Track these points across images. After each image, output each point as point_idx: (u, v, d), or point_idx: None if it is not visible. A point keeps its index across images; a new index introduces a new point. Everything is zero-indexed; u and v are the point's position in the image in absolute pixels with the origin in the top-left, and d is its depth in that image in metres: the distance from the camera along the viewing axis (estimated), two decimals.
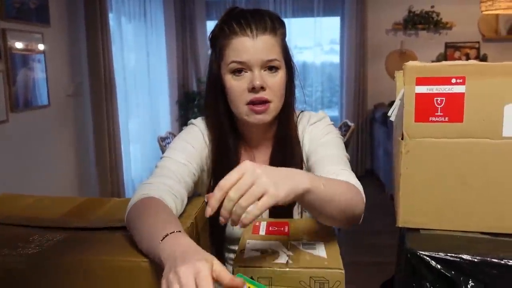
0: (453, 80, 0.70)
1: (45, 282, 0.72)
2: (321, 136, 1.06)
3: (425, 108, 0.72)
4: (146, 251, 0.70)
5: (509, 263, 0.64)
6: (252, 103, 0.99)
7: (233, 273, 0.75)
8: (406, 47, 5.23)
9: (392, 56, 5.21)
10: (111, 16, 3.79)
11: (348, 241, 3.62)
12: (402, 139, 0.74)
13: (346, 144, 4.14)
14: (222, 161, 1.07)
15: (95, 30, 3.47)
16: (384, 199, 4.26)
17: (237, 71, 0.99)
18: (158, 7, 5.01)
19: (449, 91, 0.71)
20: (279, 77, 1.01)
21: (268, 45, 0.98)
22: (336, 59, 5.57)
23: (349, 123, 4.42)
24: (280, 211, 1.03)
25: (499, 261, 0.65)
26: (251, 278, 0.75)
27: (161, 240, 0.66)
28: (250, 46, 0.97)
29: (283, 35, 1.04)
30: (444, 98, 0.71)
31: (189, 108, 5.31)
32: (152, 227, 0.71)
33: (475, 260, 0.65)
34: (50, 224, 0.88)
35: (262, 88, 0.98)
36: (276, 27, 1.00)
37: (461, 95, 0.70)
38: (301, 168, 1.07)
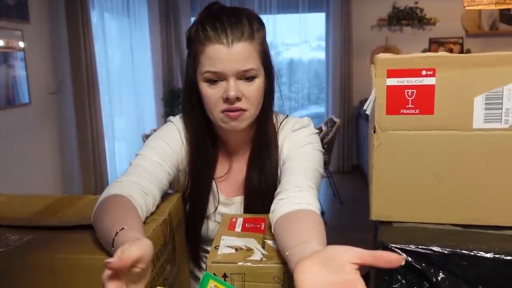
0: (424, 72, 0.70)
1: (12, 282, 0.71)
2: (300, 145, 1.02)
3: (396, 100, 0.72)
4: (105, 248, 0.71)
5: (478, 254, 0.64)
6: (226, 110, 0.96)
7: (206, 269, 0.75)
8: (391, 43, 5.26)
9: (377, 52, 5.13)
10: (93, 12, 3.74)
11: (333, 236, 3.64)
12: (374, 132, 0.74)
13: (332, 140, 4.16)
14: (199, 163, 1.05)
15: (77, 26, 3.43)
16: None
17: (212, 80, 0.95)
18: (142, 3, 4.96)
19: (419, 83, 0.70)
20: (256, 85, 0.96)
21: (245, 53, 0.93)
22: (323, 55, 5.58)
23: (335, 119, 4.44)
24: (256, 207, 1.03)
25: (468, 252, 0.65)
26: (224, 274, 0.74)
27: (114, 236, 0.67)
28: (225, 55, 0.92)
29: (262, 38, 0.99)
30: (414, 90, 0.71)
31: (174, 105, 5.27)
32: (108, 224, 0.71)
33: (445, 252, 0.65)
34: (20, 223, 0.86)
35: (237, 98, 0.94)
36: (254, 30, 0.95)
37: (432, 87, 0.70)
38: (276, 173, 1.04)
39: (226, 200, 1.07)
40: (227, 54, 0.92)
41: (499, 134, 0.69)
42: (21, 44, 3.03)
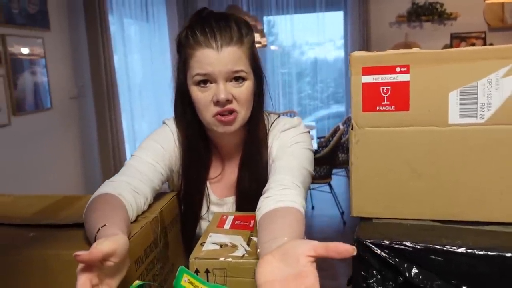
0: (398, 69, 0.71)
1: (4, 278, 0.75)
2: (288, 144, 1.03)
3: (372, 97, 0.72)
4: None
5: (451, 249, 0.64)
6: (218, 114, 0.97)
7: (189, 265, 0.77)
8: (411, 39, 5.18)
9: (397, 49, 5.16)
10: (112, 17, 3.84)
11: (335, 235, 3.62)
12: (352, 129, 0.75)
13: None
14: (191, 165, 1.07)
15: (96, 32, 3.52)
16: None
17: (202, 83, 0.96)
18: (161, 7, 5.05)
19: (394, 80, 0.71)
20: (245, 87, 0.98)
21: (234, 57, 0.95)
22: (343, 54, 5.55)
23: None
24: (247, 207, 1.05)
25: (441, 247, 0.65)
26: (207, 270, 0.76)
27: (96, 233, 0.71)
28: (215, 59, 0.94)
29: (251, 42, 1.00)
30: (389, 87, 0.71)
31: None
32: (94, 222, 0.74)
33: (417, 247, 0.66)
34: (20, 222, 0.90)
35: (228, 101, 0.96)
36: (242, 35, 0.97)
37: (406, 83, 0.71)
38: (267, 173, 1.04)
39: (218, 201, 1.09)
40: (217, 58, 0.94)
41: (475, 129, 0.69)
42: (42, 51, 3.14)
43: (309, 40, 5.67)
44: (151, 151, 1.02)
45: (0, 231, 0.85)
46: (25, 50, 2.96)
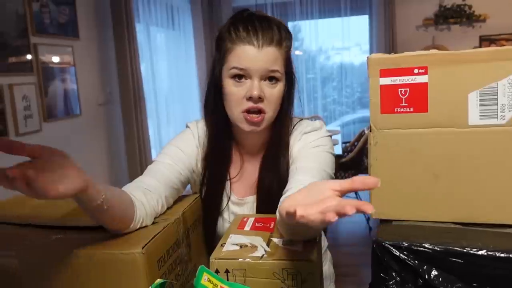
0: (416, 71, 0.71)
1: (38, 278, 0.78)
2: (309, 147, 1.04)
3: (390, 99, 0.73)
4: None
5: (472, 252, 0.64)
6: (247, 111, 0.99)
7: (210, 265, 0.79)
8: (438, 42, 5.09)
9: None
10: (139, 25, 3.92)
11: (360, 240, 3.56)
12: (370, 131, 0.75)
13: None
14: (214, 162, 1.09)
15: (123, 40, 3.61)
16: None
17: (237, 77, 0.99)
18: (186, 14, 5.13)
19: (412, 82, 0.71)
20: (278, 89, 1.00)
21: (272, 57, 0.98)
22: None
23: None
24: (267, 207, 1.06)
25: (461, 249, 0.64)
26: (227, 270, 0.77)
27: None
28: (254, 56, 0.97)
29: (289, 47, 1.03)
30: (408, 89, 0.71)
31: None
32: None
33: (437, 249, 0.65)
34: (48, 223, 0.94)
35: (260, 98, 0.98)
36: (282, 38, 1.00)
37: (425, 85, 0.70)
38: (287, 173, 1.05)
39: (239, 200, 1.10)
40: (256, 55, 0.97)
41: (496, 130, 0.68)
42: (72, 59, 3.24)
43: (335, 45, 5.65)
44: (169, 154, 1.05)
45: (29, 232, 0.88)
46: (55, 59, 3.06)
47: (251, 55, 0.97)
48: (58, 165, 0.64)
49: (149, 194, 0.92)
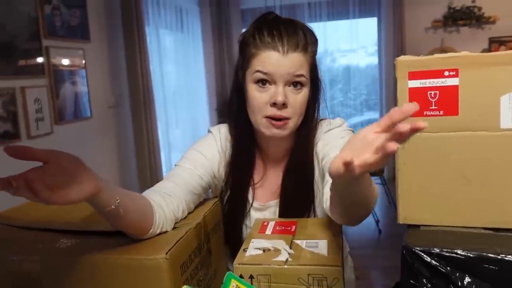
0: (446, 73, 0.69)
1: (59, 282, 0.77)
2: (335, 140, 1.03)
3: (419, 102, 0.71)
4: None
5: (506, 258, 0.62)
6: (271, 117, 0.98)
7: (233, 271, 0.77)
8: (447, 44, 5.07)
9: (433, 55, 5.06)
10: (148, 28, 3.93)
11: (391, 243, 3.54)
12: None
13: None
14: (238, 167, 1.08)
15: (133, 43, 3.62)
16: None
17: (261, 82, 0.97)
18: (195, 17, 5.14)
19: (442, 84, 0.70)
20: (302, 94, 0.98)
21: (297, 62, 0.96)
22: (377, 60, 5.49)
23: None
24: (291, 212, 1.05)
25: (495, 256, 0.63)
26: (251, 276, 0.76)
27: None
28: (279, 61, 0.95)
29: (314, 52, 1.01)
30: (437, 92, 0.70)
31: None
32: None
33: (470, 255, 0.64)
34: (70, 227, 0.93)
35: (284, 105, 0.96)
36: (308, 43, 0.98)
37: (455, 87, 0.69)
38: (312, 179, 1.05)
39: (261, 206, 1.09)
40: (281, 61, 0.95)
41: None
42: (83, 62, 3.25)
43: (341, 47, 5.63)
44: (190, 159, 1.04)
45: (48, 236, 0.88)
46: (66, 61, 3.07)
47: (276, 60, 0.95)
48: (69, 170, 0.63)
49: (168, 198, 0.90)
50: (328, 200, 0.83)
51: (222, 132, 1.10)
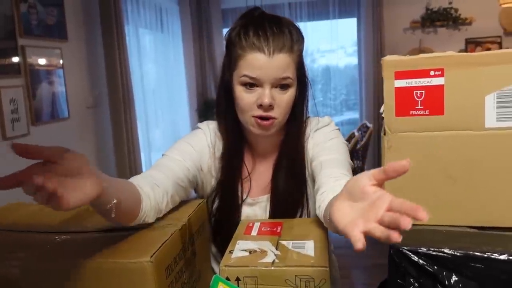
0: (432, 73, 0.69)
1: (38, 284, 0.75)
2: (325, 140, 1.05)
3: (405, 102, 0.71)
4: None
5: (492, 257, 0.63)
6: (258, 117, 0.99)
7: (219, 273, 0.76)
8: (425, 45, 5.14)
9: (412, 55, 5.13)
10: (127, 28, 3.88)
11: (372, 243, 3.57)
12: (384, 134, 0.74)
13: (366, 146, 4.10)
14: (227, 164, 1.09)
15: (112, 42, 3.56)
16: None
17: (248, 85, 0.98)
18: (175, 17, 5.10)
19: (428, 84, 0.70)
20: (289, 94, 0.99)
21: (284, 64, 0.96)
22: (356, 61, 5.54)
23: (368, 125, 4.38)
24: (282, 207, 1.05)
25: (482, 254, 0.63)
26: (237, 278, 0.75)
27: None
28: (265, 64, 0.95)
29: (300, 51, 1.02)
30: (423, 91, 0.70)
31: (208, 116, 5.34)
32: None
33: (457, 254, 0.64)
34: (48, 229, 0.90)
35: (270, 106, 0.97)
36: (294, 43, 0.98)
37: (441, 87, 0.69)
38: (302, 172, 1.07)
39: (251, 201, 1.10)
40: (267, 63, 0.95)
41: None
42: (60, 61, 3.18)
43: (321, 48, 5.66)
44: (179, 150, 1.05)
45: (28, 238, 0.85)
46: (43, 61, 3.00)
47: (262, 63, 0.95)
48: (76, 172, 0.60)
49: (157, 189, 0.90)
50: (321, 208, 0.85)
51: (211, 128, 1.12)
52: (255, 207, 1.09)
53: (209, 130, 1.11)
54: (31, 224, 0.94)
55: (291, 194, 1.04)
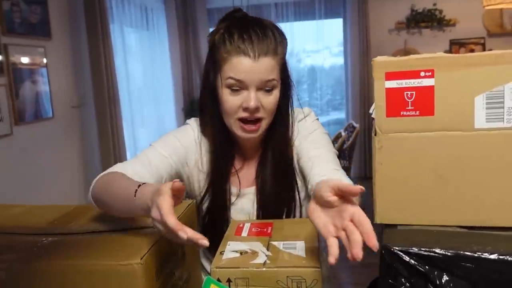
0: (422, 73, 0.70)
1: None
2: (307, 133, 1.07)
3: (396, 102, 0.72)
4: (121, 212, 0.80)
5: (483, 256, 0.63)
6: (243, 120, 1.00)
7: (210, 271, 0.76)
8: (410, 45, 5.20)
9: (396, 56, 5.18)
10: (113, 26, 3.84)
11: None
12: (375, 134, 0.74)
13: (352, 146, 4.12)
14: (216, 164, 1.10)
15: (97, 40, 3.52)
16: None
17: (233, 87, 0.98)
18: (161, 16, 5.06)
19: (418, 85, 0.70)
20: (274, 96, 1.00)
21: (268, 67, 0.97)
22: (342, 61, 5.57)
23: (355, 124, 4.41)
24: (269, 199, 1.07)
25: (472, 254, 0.64)
26: (228, 279, 0.75)
27: (135, 195, 0.74)
28: (250, 67, 0.96)
29: (284, 53, 1.02)
30: (414, 92, 0.71)
31: (194, 114, 5.31)
32: (122, 189, 0.79)
33: (448, 254, 0.64)
34: (34, 231, 0.89)
35: (256, 109, 0.98)
36: (277, 46, 0.99)
37: (431, 88, 0.70)
38: (286, 166, 1.09)
39: (238, 192, 1.11)
40: (252, 67, 0.96)
41: (502, 133, 0.68)
42: (44, 60, 3.13)
43: (306, 48, 5.68)
44: (166, 144, 1.07)
45: (13, 240, 0.83)
46: (26, 59, 2.96)
47: (247, 66, 0.95)
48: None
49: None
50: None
51: (198, 124, 1.13)
52: (243, 199, 1.11)
53: (197, 126, 1.12)
54: (16, 226, 0.92)
55: (279, 188, 1.06)
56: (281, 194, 1.07)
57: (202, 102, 1.10)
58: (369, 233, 0.60)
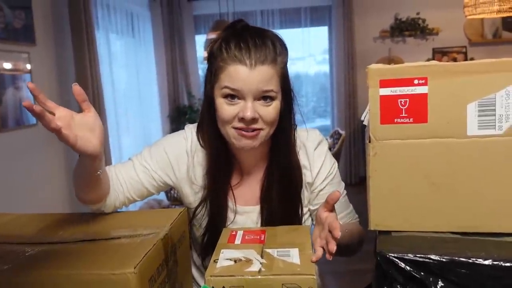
0: (416, 81, 0.71)
1: None
2: (326, 170, 1.09)
3: (390, 110, 0.72)
4: (83, 179, 0.98)
5: (477, 262, 0.64)
6: (239, 128, 0.97)
7: (205, 283, 0.75)
8: (394, 54, 5.27)
9: (381, 64, 5.24)
10: (98, 32, 3.80)
11: None
12: (369, 142, 0.74)
13: (338, 153, 4.15)
14: (213, 179, 1.07)
15: (82, 47, 3.48)
16: None
17: (229, 97, 0.95)
18: (147, 23, 5.04)
19: (412, 92, 0.71)
20: (273, 107, 0.97)
21: (266, 76, 0.94)
22: (327, 68, 5.61)
23: (340, 131, 4.44)
24: (274, 216, 1.05)
25: (467, 260, 0.64)
26: (223, 287, 0.74)
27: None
28: (246, 76, 0.93)
29: (284, 63, 1.00)
30: (408, 99, 0.71)
31: (180, 122, 5.31)
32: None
33: (443, 260, 0.65)
34: (22, 240, 0.87)
35: (253, 120, 0.95)
36: (277, 54, 0.96)
37: (424, 95, 0.71)
38: (299, 191, 1.08)
39: (240, 209, 1.09)
40: (248, 76, 0.93)
41: (494, 140, 0.69)
42: (28, 66, 3.08)
43: (292, 55, 5.72)
44: (153, 157, 1.08)
45: (2, 250, 0.81)
46: (9, 65, 2.91)
47: (243, 75, 0.93)
48: (90, 128, 0.89)
49: (116, 192, 1.06)
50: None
51: (194, 134, 1.09)
52: (244, 216, 1.08)
53: (192, 136, 1.09)
54: (2, 235, 0.90)
55: (282, 205, 1.03)
56: (288, 215, 1.05)
57: (202, 115, 1.07)
58: (331, 241, 0.82)
